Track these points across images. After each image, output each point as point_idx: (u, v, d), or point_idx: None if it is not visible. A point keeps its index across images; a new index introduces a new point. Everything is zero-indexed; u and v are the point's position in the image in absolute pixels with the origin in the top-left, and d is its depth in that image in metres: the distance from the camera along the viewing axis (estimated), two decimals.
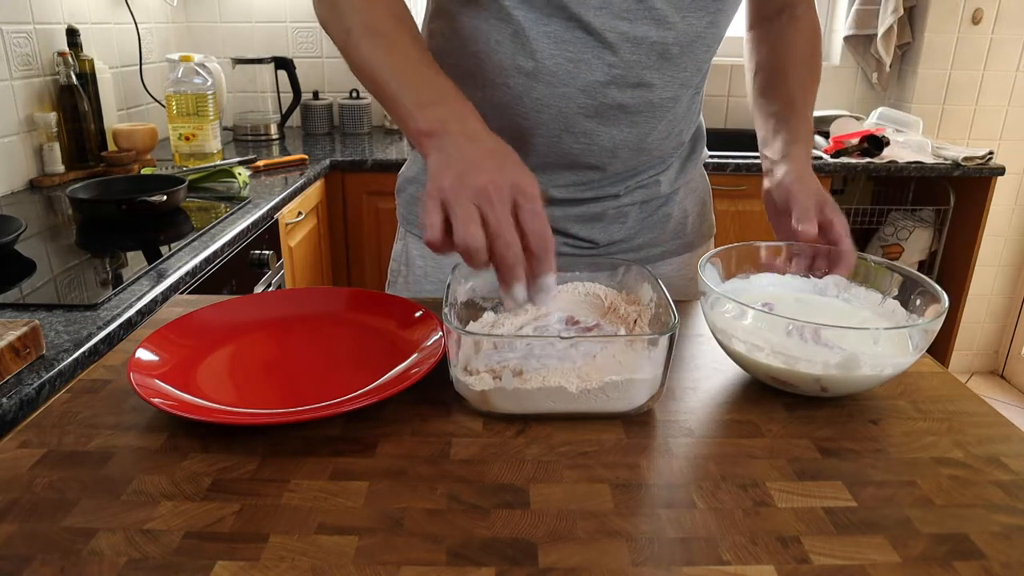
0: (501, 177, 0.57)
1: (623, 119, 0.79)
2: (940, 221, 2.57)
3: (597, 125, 0.79)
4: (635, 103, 0.78)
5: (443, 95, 0.66)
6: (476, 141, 0.62)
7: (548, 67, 0.75)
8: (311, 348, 0.67)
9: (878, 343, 0.59)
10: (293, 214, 1.79)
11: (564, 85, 0.76)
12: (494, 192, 0.56)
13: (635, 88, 0.77)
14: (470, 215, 0.55)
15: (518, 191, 0.56)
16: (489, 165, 0.58)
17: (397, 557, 0.42)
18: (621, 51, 0.74)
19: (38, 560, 0.42)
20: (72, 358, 0.83)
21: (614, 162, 0.83)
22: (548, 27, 0.73)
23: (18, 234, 1.16)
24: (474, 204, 0.56)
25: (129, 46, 2.14)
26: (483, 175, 0.57)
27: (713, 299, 0.63)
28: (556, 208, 0.86)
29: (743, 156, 2.30)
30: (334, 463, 0.51)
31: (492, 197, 0.56)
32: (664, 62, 0.76)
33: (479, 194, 0.56)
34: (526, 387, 0.55)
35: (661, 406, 0.60)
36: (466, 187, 0.56)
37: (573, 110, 0.77)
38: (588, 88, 0.76)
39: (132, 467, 0.51)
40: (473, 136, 0.62)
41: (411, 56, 0.68)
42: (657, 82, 0.78)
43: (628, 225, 0.89)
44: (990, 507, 0.48)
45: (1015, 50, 2.62)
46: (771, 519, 0.46)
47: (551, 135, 0.79)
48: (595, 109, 0.77)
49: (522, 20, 0.74)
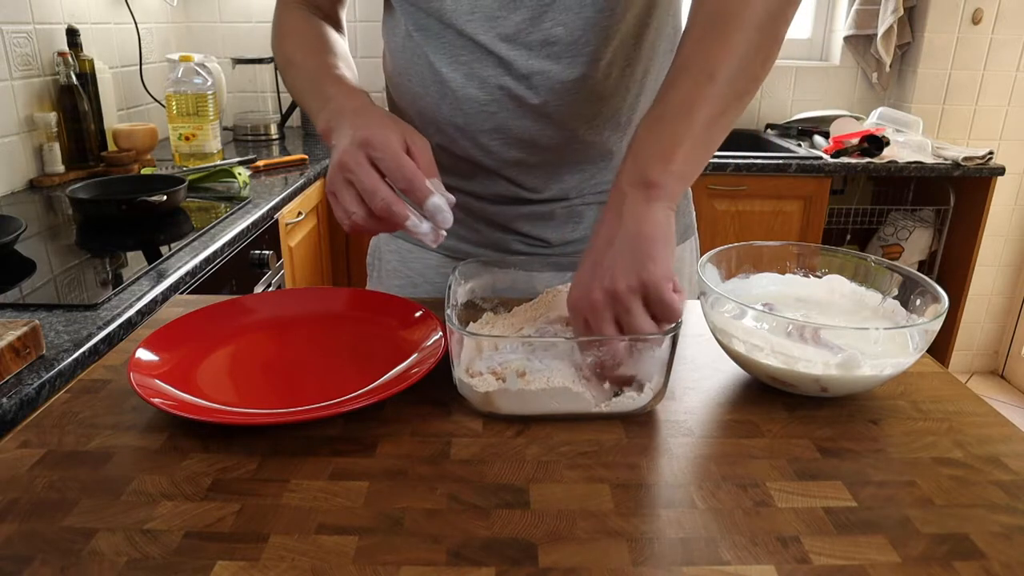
0: (350, 144, 0.61)
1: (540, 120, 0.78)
2: (940, 221, 2.57)
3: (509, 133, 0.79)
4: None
5: (328, 96, 0.71)
6: (345, 119, 0.65)
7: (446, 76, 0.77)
8: (311, 348, 0.67)
9: (878, 343, 0.59)
10: (293, 214, 1.79)
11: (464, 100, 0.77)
12: (349, 160, 0.60)
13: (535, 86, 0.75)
14: (345, 197, 0.61)
15: (366, 148, 0.60)
16: (344, 141, 0.62)
17: (397, 557, 0.42)
18: (515, 62, 0.74)
19: (38, 560, 0.42)
20: (72, 358, 0.83)
21: (534, 166, 0.82)
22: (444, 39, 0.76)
23: (18, 234, 1.16)
24: (345, 182, 0.61)
25: (129, 46, 2.14)
26: (339, 151, 0.62)
27: (713, 299, 0.63)
28: (504, 206, 0.85)
29: (743, 156, 2.30)
30: (334, 463, 0.51)
31: (349, 165, 0.60)
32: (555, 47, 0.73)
33: (342, 169, 0.60)
34: (530, 388, 0.55)
35: (661, 406, 0.60)
36: (335, 170, 0.61)
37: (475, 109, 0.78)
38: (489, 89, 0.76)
39: (132, 467, 0.50)
40: (347, 115, 0.66)
41: (310, 74, 0.76)
42: (552, 68, 0.74)
43: (584, 225, 0.88)
44: (990, 507, 0.48)
45: (1015, 50, 2.62)
46: (771, 519, 0.46)
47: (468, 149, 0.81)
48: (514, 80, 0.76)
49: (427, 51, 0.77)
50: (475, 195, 0.84)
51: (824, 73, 2.78)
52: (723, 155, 2.29)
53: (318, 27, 0.82)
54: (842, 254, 0.71)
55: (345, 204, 0.61)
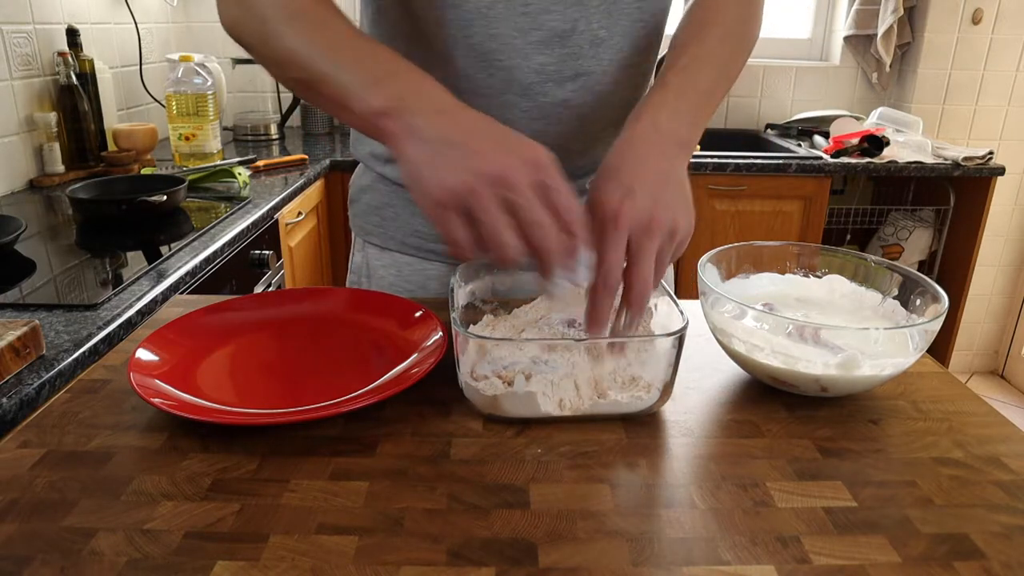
0: (514, 159, 0.49)
1: (566, 115, 0.76)
2: (940, 221, 2.57)
3: (544, 126, 0.76)
4: (576, 97, 0.75)
5: (393, 68, 0.55)
6: (452, 115, 0.52)
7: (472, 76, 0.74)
8: (311, 348, 0.67)
9: (878, 343, 0.59)
10: (293, 214, 1.79)
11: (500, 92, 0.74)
12: (516, 179, 0.48)
13: (574, 80, 0.74)
14: (499, 220, 0.48)
15: (537, 169, 0.49)
16: (489, 145, 0.50)
17: (397, 557, 0.42)
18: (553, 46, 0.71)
19: (38, 560, 0.42)
20: (72, 358, 0.83)
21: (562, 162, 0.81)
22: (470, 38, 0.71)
23: (18, 234, 1.16)
24: (497, 199, 0.48)
25: (129, 46, 2.14)
26: (493, 161, 0.49)
27: (713, 299, 0.63)
28: None
29: (743, 156, 2.30)
30: (334, 463, 0.51)
31: (516, 184, 0.48)
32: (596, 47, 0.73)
33: (499, 185, 0.48)
34: (536, 391, 0.55)
35: (661, 406, 0.59)
36: (481, 181, 0.48)
37: (515, 115, 0.75)
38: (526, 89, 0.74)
39: (132, 467, 0.50)
40: (445, 109, 0.53)
41: (344, 33, 0.58)
42: (595, 69, 0.74)
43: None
44: (990, 507, 0.48)
45: (1015, 50, 2.62)
46: (771, 519, 0.46)
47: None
48: (538, 111, 0.75)
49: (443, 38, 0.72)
50: None
51: (824, 73, 2.78)
52: (723, 155, 2.29)
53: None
54: (842, 254, 0.71)
55: (497, 232, 0.48)
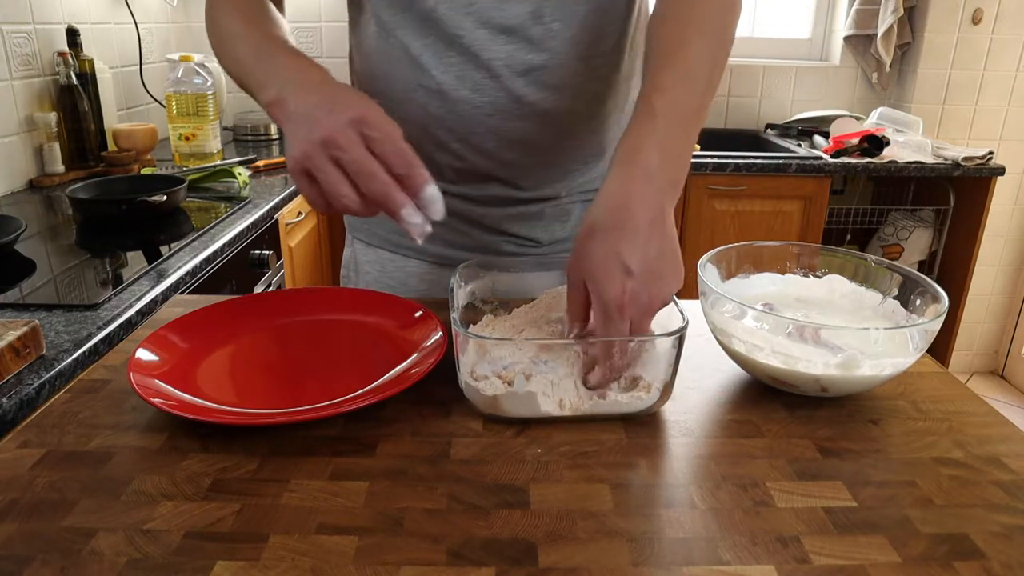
0: (341, 121, 0.56)
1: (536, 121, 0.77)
2: (940, 221, 2.57)
3: (501, 123, 0.77)
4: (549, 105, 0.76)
5: (279, 64, 0.65)
6: (311, 94, 0.60)
7: (441, 81, 0.75)
8: (311, 348, 0.67)
9: (878, 343, 0.59)
10: (293, 214, 1.79)
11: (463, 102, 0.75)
12: (340, 137, 0.55)
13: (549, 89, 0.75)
14: (332, 177, 0.56)
15: (360, 126, 0.56)
16: (323, 113, 0.57)
17: (397, 557, 0.42)
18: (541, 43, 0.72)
19: (38, 560, 0.42)
20: (72, 358, 0.83)
21: (530, 167, 0.81)
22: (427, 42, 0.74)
23: (18, 234, 1.16)
24: (329, 159, 0.56)
25: (129, 46, 2.14)
26: (323, 126, 0.56)
27: (713, 299, 0.63)
28: (494, 208, 0.84)
29: (743, 156, 2.30)
30: (334, 463, 0.51)
31: (340, 143, 0.55)
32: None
33: (329, 146, 0.55)
34: (536, 391, 0.55)
35: (661, 406, 0.59)
36: (315, 146, 0.56)
37: (468, 111, 0.76)
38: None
39: (132, 467, 0.50)
40: (310, 90, 0.60)
41: (254, 44, 0.69)
42: (550, 62, 0.74)
43: (571, 224, 0.88)
44: (990, 507, 0.48)
45: (1015, 50, 2.62)
46: (771, 519, 0.46)
47: (464, 149, 0.79)
48: (491, 107, 0.76)
49: (408, 43, 0.75)
50: (465, 197, 0.84)
51: (824, 73, 2.78)
52: (723, 155, 2.29)
53: (259, 1, 0.77)
54: (842, 254, 0.71)
55: (332, 185, 0.56)
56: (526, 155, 0.80)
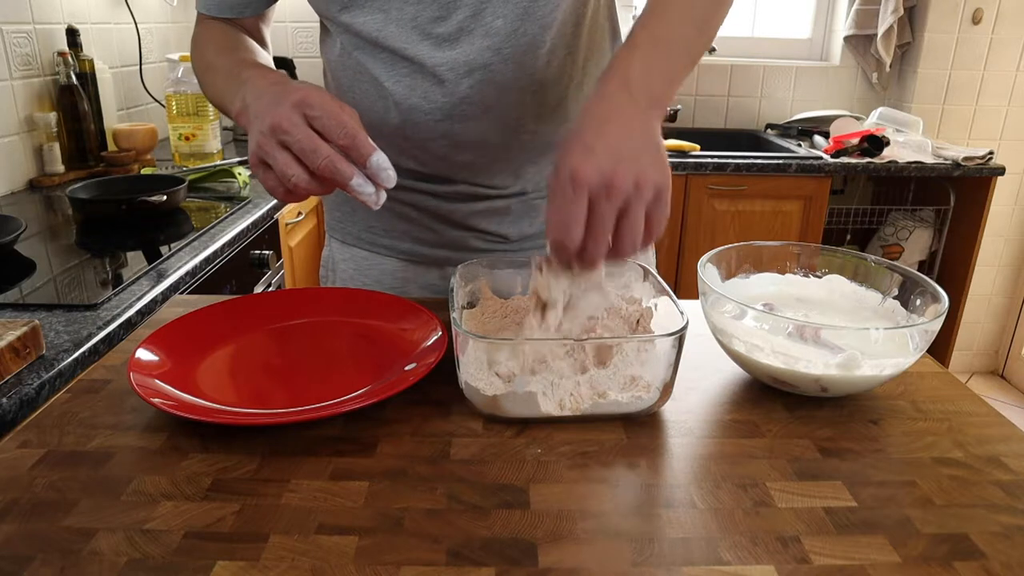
0: (283, 107, 0.58)
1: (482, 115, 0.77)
2: (940, 221, 2.57)
3: (450, 127, 0.78)
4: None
5: (244, 78, 0.68)
6: (265, 92, 0.62)
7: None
8: (311, 348, 0.67)
9: (878, 343, 0.59)
10: (293, 214, 1.79)
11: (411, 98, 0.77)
12: (283, 121, 0.57)
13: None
14: (280, 160, 0.58)
15: (302, 107, 0.58)
16: (267, 105, 0.59)
17: (397, 557, 0.42)
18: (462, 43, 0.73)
19: (38, 560, 0.42)
20: (72, 358, 0.83)
21: (487, 165, 0.81)
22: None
23: (18, 234, 1.16)
24: (278, 144, 0.58)
25: (129, 46, 2.14)
26: (269, 116, 0.58)
27: (713, 299, 0.63)
28: (461, 204, 0.85)
29: (743, 156, 2.30)
30: (334, 463, 0.51)
31: (284, 126, 0.57)
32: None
33: (275, 132, 0.58)
34: (536, 391, 0.55)
35: (661, 406, 0.60)
36: (264, 136, 0.58)
37: (421, 118, 0.77)
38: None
39: (132, 467, 0.50)
40: (264, 89, 0.63)
41: (226, 69, 0.74)
42: (492, 60, 0.74)
43: (540, 219, 0.88)
44: (990, 507, 0.48)
45: (1015, 50, 2.62)
46: (771, 519, 0.46)
47: (411, 147, 0.80)
48: (440, 112, 0.77)
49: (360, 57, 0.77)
50: (432, 194, 0.85)
51: (824, 73, 2.78)
52: (723, 155, 2.29)
53: (238, 35, 0.82)
54: (842, 254, 0.71)
55: (282, 168, 0.58)
56: (481, 155, 0.81)
